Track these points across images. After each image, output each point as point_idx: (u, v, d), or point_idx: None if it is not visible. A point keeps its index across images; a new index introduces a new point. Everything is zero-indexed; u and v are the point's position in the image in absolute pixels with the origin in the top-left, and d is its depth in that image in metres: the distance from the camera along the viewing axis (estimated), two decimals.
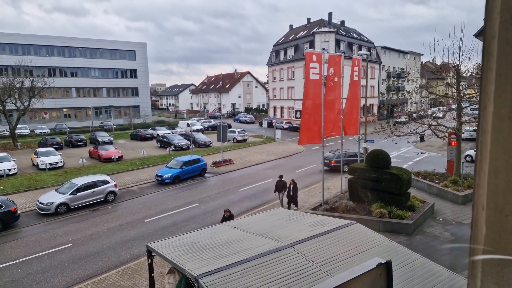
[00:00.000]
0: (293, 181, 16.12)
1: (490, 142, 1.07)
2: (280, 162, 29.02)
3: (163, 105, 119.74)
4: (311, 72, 14.36)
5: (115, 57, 60.47)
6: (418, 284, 5.45)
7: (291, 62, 56.56)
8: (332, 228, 7.06)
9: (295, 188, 16.16)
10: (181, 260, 6.21)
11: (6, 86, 36.35)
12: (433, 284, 5.47)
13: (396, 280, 5.00)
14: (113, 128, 51.56)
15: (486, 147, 1.08)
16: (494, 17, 1.03)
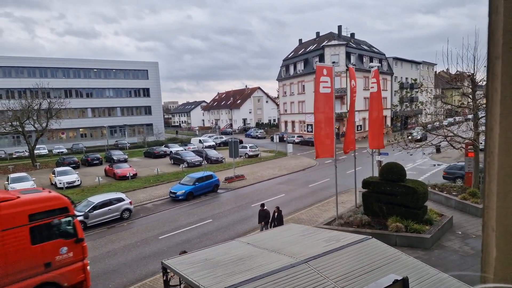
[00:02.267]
0: (278, 209, 14.51)
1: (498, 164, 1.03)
2: (292, 176, 28.93)
3: (176, 123, 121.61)
4: (321, 86, 14.47)
5: (129, 77, 62.20)
6: None
7: (301, 76, 56.96)
8: (346, 244, 7.00)
9: (279, 217, 14.39)
10: (195, 277, 6.25)
11: (25, 108, 37.75)
12: None
13: None
14: (127, 146, 52.53)
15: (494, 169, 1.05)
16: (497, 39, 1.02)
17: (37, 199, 9.83)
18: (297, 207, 19.61)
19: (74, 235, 10.13)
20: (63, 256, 9.86)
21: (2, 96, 48.56)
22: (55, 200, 10.07)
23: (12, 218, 9.02)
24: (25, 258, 9.06)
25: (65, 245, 9.91)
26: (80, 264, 10.18)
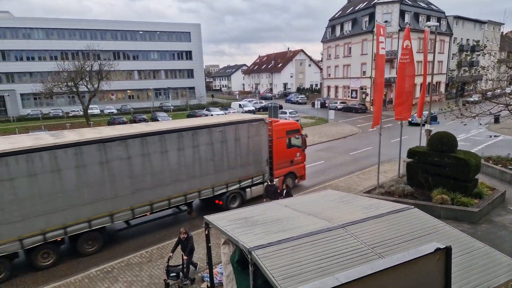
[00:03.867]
0: (287, 186, 12.86)
1: None
2: (333, 144, 28.43)
3: (217, 86, 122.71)
4: (380, 47, 13.68)
5: (172, 39, 62.88)
6: (479, 273, 5.15)
7: (348, 38, 53.88)
8: (386, 212, 6.87)
9: (288, 195, 12.33)
10: (235, 233, 6.54)
11: (78, 70, 40.00)
12: (497, 275, 5.13)
13: (455, 267, 4.78)
14: (171, 109, 54.37)
15: None
16: None
17: (288, 122, 17.50)
18: (336, 175, 19.42)
19: (302, 146, 16.80)
20: (297, 158, 16.70)
21: (58, 57, 51.67)
22: (296, 125, 17.06)
23: (279, 132, 15.72)
24: (284, 156, 15.99)
25: (298, 152, 16.67)
26: (303, 164, 17.25)
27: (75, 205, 10.38)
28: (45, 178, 9.77)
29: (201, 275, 9.78)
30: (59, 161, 9.94)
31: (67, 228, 10.43)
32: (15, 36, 52.13)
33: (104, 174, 10.82)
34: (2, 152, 9.10)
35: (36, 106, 53.83)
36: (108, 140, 10.79)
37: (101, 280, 9.86)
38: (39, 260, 10.49)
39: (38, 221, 9.85)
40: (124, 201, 11.35)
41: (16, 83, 53.33)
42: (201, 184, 13.13)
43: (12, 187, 9.28)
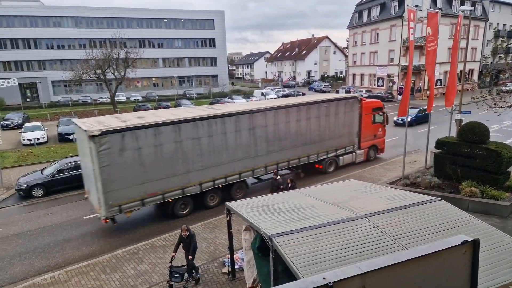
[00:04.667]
0: (292, 181, 12.37)
1: None
2: None
3: (239, 74, 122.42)
4: (410, 33, 13.19)
5: (196, 27, 62.98)
6: (508, 269, 4.97)
7: (375, 24, 52.00)
8: (411, 203, 6.71)
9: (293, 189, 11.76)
10: (256, 220, 6.62)
11: (106, 58, 41.00)
12: None
13: (483, 261, 4.63)
14: (194, 97, 54.93)
15: None
16: None
17: (373, 101, 19.52)
18: (360, 165, 19.09)
19: (384, 122, 18.93)
20: (379, 133, 19.06)
21: (86, 45, 53.12)
22: (380, 103, 19.16)
23: (367, 109, 17.81)
24: (369, 130, 18.23)
25: (380, 127, 18.91)
26: (383, 139, 19.56)
27: (232, 161, 13.51)
28: (217, 139, 12.97)
29: (222, 260, 10.01)
30: (226, 126, 13.13)
31: (227, 177, 13.59)
32: (46, 25, 53.92)
33: (251, 138, 13.93)
34: (201, 117, 12.56)
35: (66, 93, 55.88)
36: (256, 111, 14.14)
37: (127, 260, 10.30)
38: (208, 201, 13.77)
39: (211, 171, 12.99)
40: (262, 160, 14.46)
41: (48, 71, 55.43)
42: (310, 150, 16.08)
43: (198, 144, 12.46)
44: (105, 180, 10.64)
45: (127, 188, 11.14)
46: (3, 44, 52.16)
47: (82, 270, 9.89)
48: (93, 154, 10.42)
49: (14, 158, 22.16)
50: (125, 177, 11.01)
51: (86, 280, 9.41)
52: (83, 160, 12.55)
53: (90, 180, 11.57)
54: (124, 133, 10.83)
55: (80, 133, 11.71)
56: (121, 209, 11.30)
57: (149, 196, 11.76)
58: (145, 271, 9.75)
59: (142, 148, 11.21)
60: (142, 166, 11.31)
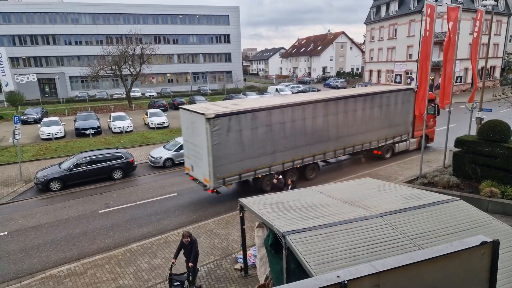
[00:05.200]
0: (292, 181, 12.26)
1: None
2: None
3: (254, 70, 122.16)
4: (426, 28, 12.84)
5: (211, 23, 63.14)
6: None
7: (393, 19, 50.90)
8: (429, 202, 6.54)
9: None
10: (269, 217, 6.59)
11: (122, 54, 41.60)
12: None
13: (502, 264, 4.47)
14: (208, 93, 55.19)
15: None
16: None
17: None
18: (375, 163, 18.79)
19: (435, 113, 19.69)
20: (431, 123, 19.77)
21: (103, 41, 54.04)
22: (432, 95, 18.99)
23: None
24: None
25: (431, 118, 19.48)
26: (434, 129, 20.45)
27: (308, 144, 15.06)
28: (298, 124, 14.56)
29: (235, 256, 10.03)
30: (305, 112, 14.73)
31: (303, 159, 15.22)
32: (64, 21, 55.08)
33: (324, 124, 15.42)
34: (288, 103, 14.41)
35: (83, 89, 57.09)
36: (348, 97, 16.13)
37: (141, 254, 10.46)
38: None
39: (291, 153, 14.68)
40: (332, 144, 15.93)
41: (66, 66, 56.70)
42: (372, 137, 17.43)
43: (283, 128, 14.13)
44: (215, 156, 12.63)
45: (230, 163, 13.10)
46: (23, 41, 53.59)
47: (97, 263, 10.10)
48: (208, 134, 12.38)
49: (33, 152, 22.79)
50: (229, 154, 12.98)
51: (102, 273, 9.60)
52: (188, 141, 14.31)
53: (197, 157, 13.53)
54: (231, 117, 12.82)
55: (190, 117, 13.64)
56: (225, 181, 13.22)
57: (245, 172, 13.67)
58: (158, 265, 9.88)
59: (242, 130, 13.15)
60: (241, 146, 13.26)
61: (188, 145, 14.36)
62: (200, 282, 8.93)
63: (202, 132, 12.58)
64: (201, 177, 13.56)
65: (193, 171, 14.21)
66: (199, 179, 13.86)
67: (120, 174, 17.71)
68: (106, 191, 16.11)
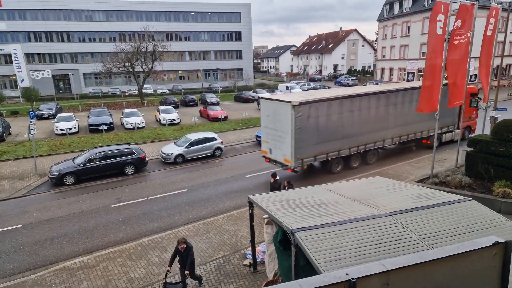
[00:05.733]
0: (289, 183, 11.88)
1: None
2: None
3: (264, 68, 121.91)
4: (437, 26, 12.57)
5: (222, 20, 63.19)
6: None
7: (407, 16, 50.10)
8: (440, 202, 6.48)
9: None
10: (278, 214, 6.62)
11: (135, 51, 42.02)
12: None
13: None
14: (219, 90, 55.34)
15: None
16: None
17: (471, 87, 19.14)
18: (385, 162, 18.61)
19: (477, 106, 20.34)
20: (473, 116, 21.21)
21: (116, 38, 54.65)
22: (474, 89, 20.31)
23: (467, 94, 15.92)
24: (467, 112, 18.74)
25: (474, 110, 20.80)
26: (476, 121, 21.47)
27: (370, 132, 16.44)
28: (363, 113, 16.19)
29: (244, 252, 10.11)
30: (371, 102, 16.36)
31: (366, 145, 16.80)
32: (79, 18, 55.87)
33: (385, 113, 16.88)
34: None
35: (97, 85, 57.88)
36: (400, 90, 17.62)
37: (152, 249, 10.63)
38: (352, 162, 17.12)
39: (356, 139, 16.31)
40: (390, 132, 17.51)
41: (79, 63, 57.57)
42: (423, 127, 18.67)
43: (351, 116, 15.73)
44: (297, 139, 14.30)
45: (308, 146, 14.79)
46: (38, 37, 54.61)
47: (109, 256, 10.31)
48: (292, 119, 14.00)
49: (47, 147, 23.30)
50: (307, 138, 14.67)
51: (113, 266, 9.80)
52: (268, 127, 15.77)
53: (278, 141, 15.17)
54: (311, 105, 14.50)
55: (272, 105, 15.33)
56: (303, 162, 14.93)
57: (319, 154, 15.40)
58: (168, 259, 10.02)
59: (319, 117, 14.85)
60: (317, 131, 14.96)
61: (268, 130, 15.91)
62: (209, 277, 9.04)
63: (286, 118, 14.29)
64: (281, 158, 15.20)
65: (271, 154, 15.88)
66: (278, 160, 15.47)
67: (132, 169, 17.97)
68: (118, 186, 16.38)
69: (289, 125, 14.21)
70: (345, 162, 16.81)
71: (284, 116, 14.47)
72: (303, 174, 16.93)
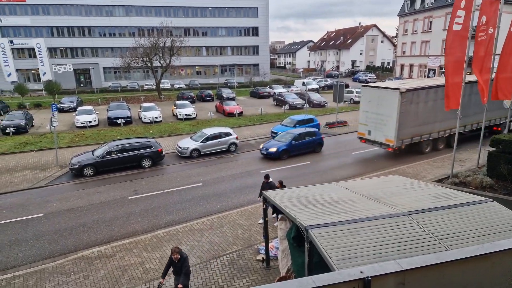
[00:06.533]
0: (281, 184, 11.37)
1: None
2: None
3: (281, 64, 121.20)
4: (455, 22, 12.18)
5: (240, 15, 63.08)
6: None
7: (429, 11, 48.72)
8: (460, 203, 6.30)
9: None
10: (292, 210, 6.60)
11: (153, 46, 42.53)
12: None
13: None
14: (235, 86, 55.43)
15: None
16: None
17: None
18: (403, 160, 18.26)
19: None
20: None
21: (135, 33, 55.43)
22: None
23: None
24: None
25: None
26: None
27: (451, 118, 16.52)
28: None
29: (257, 247, 10.15)
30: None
31: (451, 129, 18.37)
32: (99, 13, 56.94)
33: (466, 102, 17.29)
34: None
35: (116, 79, 58.97)
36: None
37: (167, 241, 10.81)
38: (438, 145, 19.34)
39: (440, 124, 18.39)
40: (468, 119, 18.90)
41: (100, 57, 58.75)
42: (497, 115, 20.20)
43: (441, 104, 15.21)
44: (400, 122, 16.68)
45: (407, 128, 17.15)
46: (61, 32, 56.01)
47: (126, 247, 10.55)
48: (398, 104, 16.35)
49: (68, 139, 23.97)
50: (408, 121, 16.93)
51: (129, 256, 10.03)
52: (369, 111, 18.02)
53: (379, 123, 17.55)
54: (414, 92, 16.77)
55: (376, 92, 17.64)
56: (402, 142, 17.35)
57: (415, 136, 17.77)
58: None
59: (419, 103, 17.11)
60: (416, 115, 17.21)
61: (368, 115, 18.16)
62: (222, 271, 9.12)
63: (392, 103, 16.53)
64: (383, 139, 17.58)
65: (370, 135, 18.28)
66: (378, 141, 17.87)
67: (149, 162, 18.29)
68: (135, 179, 16.71)
69: (394, 109, 16.46)
70: (433, 144, 19.01)
71: (389, 102, 16.67)
72: (302, 175, 16.77)
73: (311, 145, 20.28)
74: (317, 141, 20.54)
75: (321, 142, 20.78)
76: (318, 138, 20.68)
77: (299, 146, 19.75)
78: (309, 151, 20.13)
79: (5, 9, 52.29)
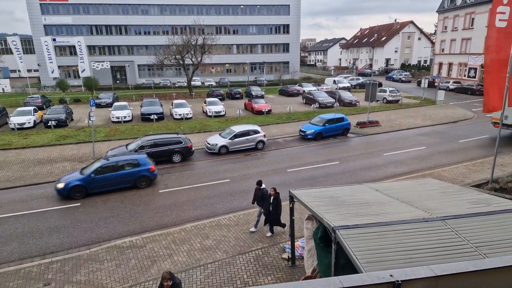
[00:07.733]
0: (275, 190, 10.72)
1: None
2: (438, 128, 25.47)
3: (311, 61, 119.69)
4: (497, 18, 11.47)
5: (271, 13, 62.92)
6: None
7: (471, 7, 46.16)
8: (500, 210, 5.94)
9: (276, 201, 10.66)
10: (320, 210, 6.51)
11: (185, 43, 43.44)
12: None
13: None
14: (264, 83, 55.42)
15: None
16: None
17: None
18: (439, 163, 17.47)
19: None
20: None
21: (169, 32, 56.85)
22: None
23: None
24: None
25: None
26: None
27: None
28: None
29: (282, 246, 10.12)
30: None
31: None
32: (135, 12, 58.94)
33: None
34: None
35: (150, 76, 60.89)
36: None
37: (195, 235, 11.04)
38: None
39: None
40: None
41: (135, 55, 60.85)
42: None
43: None
44: None
45: None
46: (99, 30, 58.56)
47: (155, 238, 10.90)
48: None
49: (104, 133, 25.07)
50: None
51: (159, 248, 10.35)
52: None
53: None
54: None
55: None
56: None
57: None
58: (209, 246, 10.36)
59: None
60: None
61: None
62: (247, 267, 9.18)
63: None
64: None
65: (507, 120, 19.13)
66: None
67: (179, 157, 18.75)
68: (166, 173, 17.20)
69: None
70: None
71: None
72: (330, 175, 16.43)
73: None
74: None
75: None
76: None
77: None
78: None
79: (49, 8, 55.43)
